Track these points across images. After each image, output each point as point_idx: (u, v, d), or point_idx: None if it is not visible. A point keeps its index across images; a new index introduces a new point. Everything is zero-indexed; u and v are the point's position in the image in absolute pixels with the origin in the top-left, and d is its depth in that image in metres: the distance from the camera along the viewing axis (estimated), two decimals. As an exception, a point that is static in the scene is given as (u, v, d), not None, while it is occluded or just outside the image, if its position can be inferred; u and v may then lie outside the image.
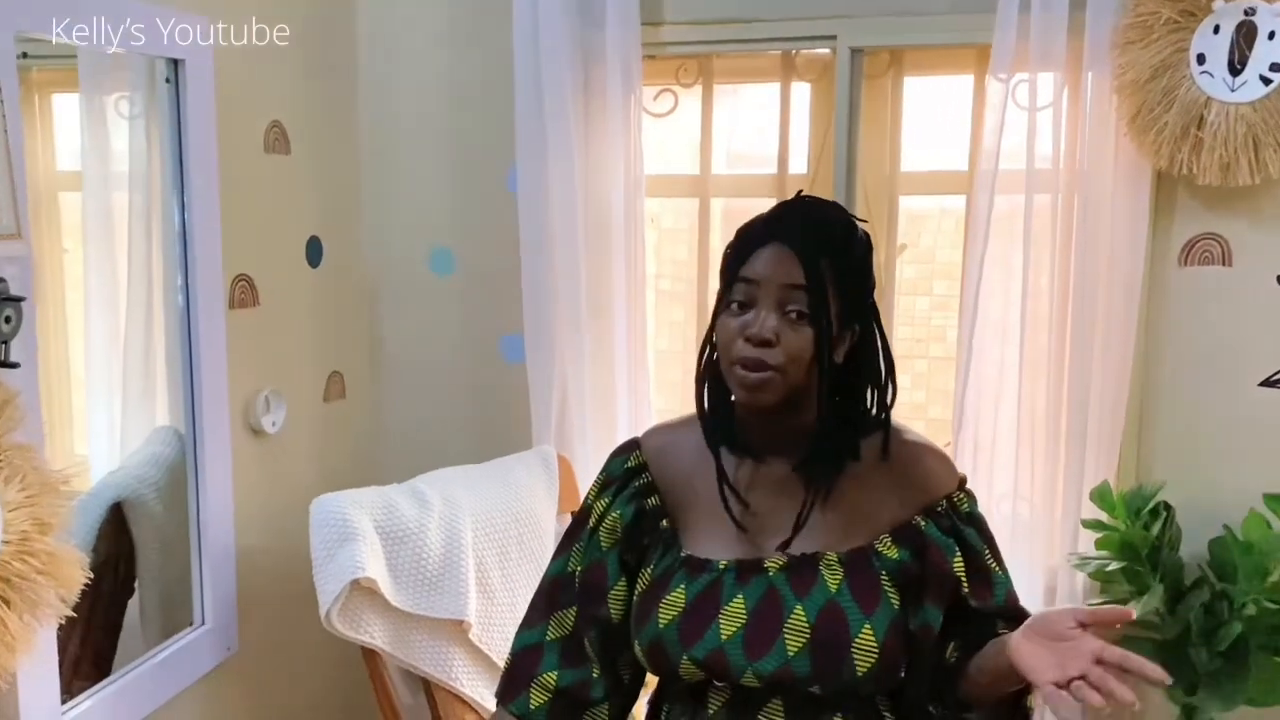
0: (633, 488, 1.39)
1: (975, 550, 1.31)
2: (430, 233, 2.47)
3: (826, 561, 1.28)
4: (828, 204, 1.35)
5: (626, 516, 1.37)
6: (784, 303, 1.24)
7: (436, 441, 2.50)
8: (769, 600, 1.26)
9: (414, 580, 1.98)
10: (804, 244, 1.25)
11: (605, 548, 1.38)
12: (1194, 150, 2.02)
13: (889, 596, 1.26)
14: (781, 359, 1.23)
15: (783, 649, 1.23)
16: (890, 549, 1.29)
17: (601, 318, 2.36)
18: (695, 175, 2.41)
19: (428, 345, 2.51)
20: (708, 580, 1.29)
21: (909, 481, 1.31)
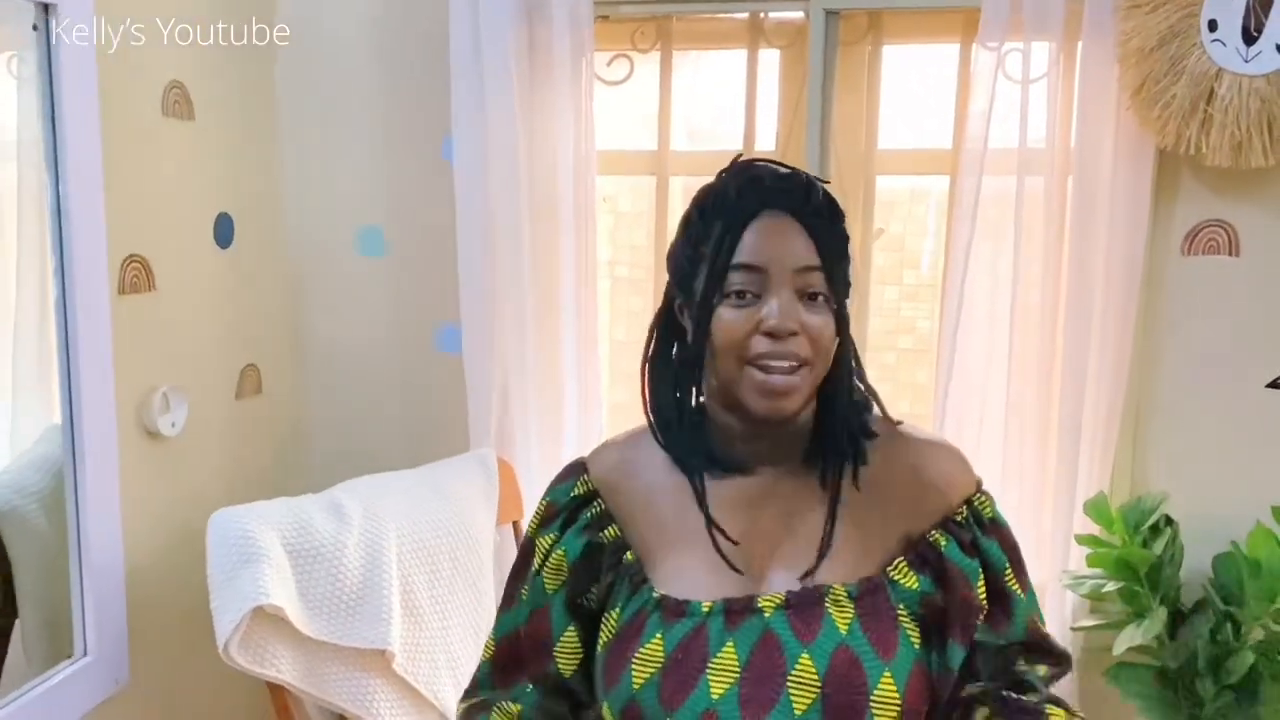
0: (583, 519, 1.15)
1: (996, 569, 1.09)
2: (357, 209, 2.23)
3: (834, 596, 1.04)
4: (797, 169, 1.12)
5: (574, 553, 1.14)
6: (801, 286, 1.04)
7: (363, 444, 2.26)
8: (766, 647, 1.02)
9: (329, 605, 1.75)
10: (806, 212, 1.05)
11: (550, 591, 1.15)
12: (1203, 127, 1.83)
13: (909, 635, 1.03)
14: (809, 350, 1.04)
15: (788, 707, 1.00)
16: (908, 576, 1.06)
17: (548, 306, 2.13)
18: (652, 151, 2.18)
19: (354, 335, 2.26)
20: (690, 626, 1.05)
21: (922, 488, 1.09)
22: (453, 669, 1.91)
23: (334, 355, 2.27)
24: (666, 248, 2.17)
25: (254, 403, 2.14)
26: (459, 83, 2.04)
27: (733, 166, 1.12)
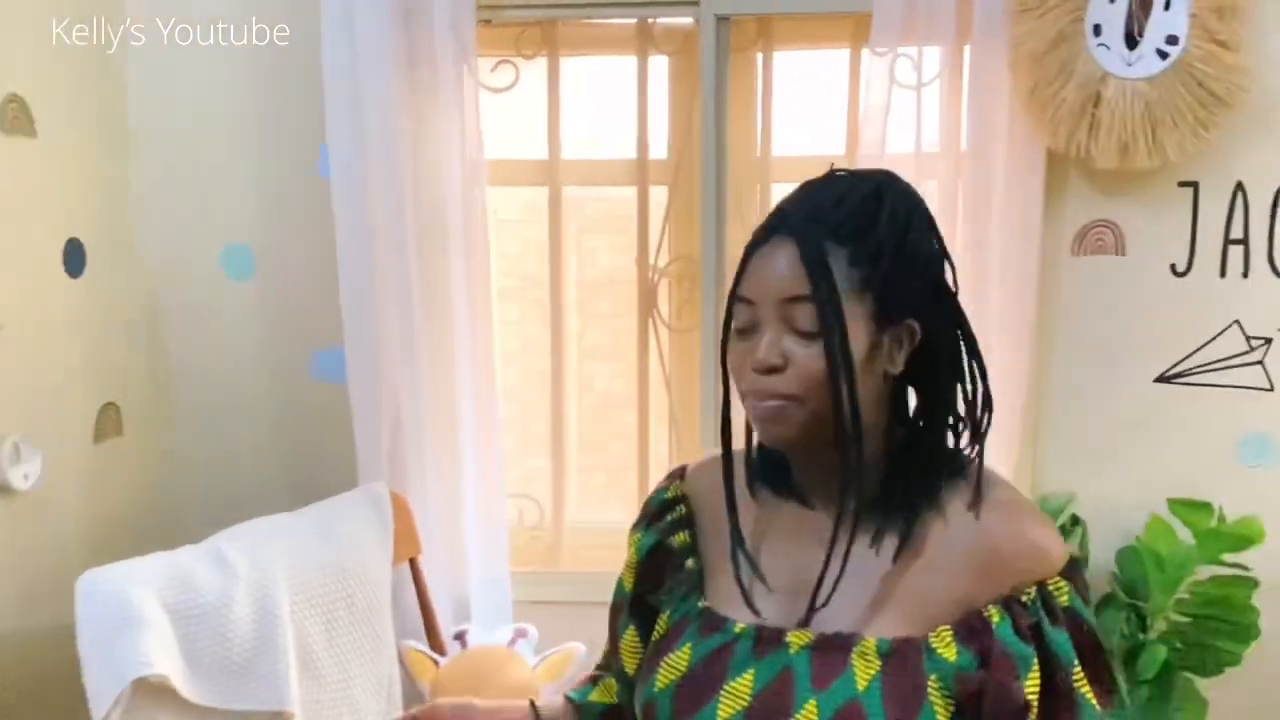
0: (665, 521, 1.14)
1: (1060, 664, 0.95)
2: (222, 228, 2.05)
3: (862, 649, 0.96)
4: (855, 175, 1.03)
5: (641, 551, 1.13)
6: (790, 319, 0.97)
7: (240, 486, 2.08)
8: (781, 683, 0.97)
9: (218, 668, 1.60)
10: (804, 238, 0.96)
11: (626, 589, 1.16)
12: (1091, 130, 1.86)
13: (933, 710, 0.94)
14: (795, 386, 0.96)
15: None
16: (948, 647, 0.95)
17: (440, 326, 2.02)
18: (543, 160, 2.09)
19: (223, 366, 2.09)
20: (719, 643, 1.02)
21: (995, 558, 0.97)
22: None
23: (201, 388, 2.09)
24: (559, 259, 2.11)
25: (115, 445, 1.95)
26: (333, 90, 1.90)
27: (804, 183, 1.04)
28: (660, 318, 2.12)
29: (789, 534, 1.04)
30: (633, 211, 2.10)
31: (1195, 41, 1.83)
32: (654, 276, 2.10)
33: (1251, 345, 2.00)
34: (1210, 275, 1.99)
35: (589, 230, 2.18)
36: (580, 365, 2.22)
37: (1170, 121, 1.85)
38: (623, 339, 2.18)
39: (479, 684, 1.88)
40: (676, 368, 2.15)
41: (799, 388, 0.96)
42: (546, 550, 2.18)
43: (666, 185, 2.09)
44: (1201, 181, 1.96)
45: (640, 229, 2.09)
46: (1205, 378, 2.02)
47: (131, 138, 1.99)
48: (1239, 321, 1.99)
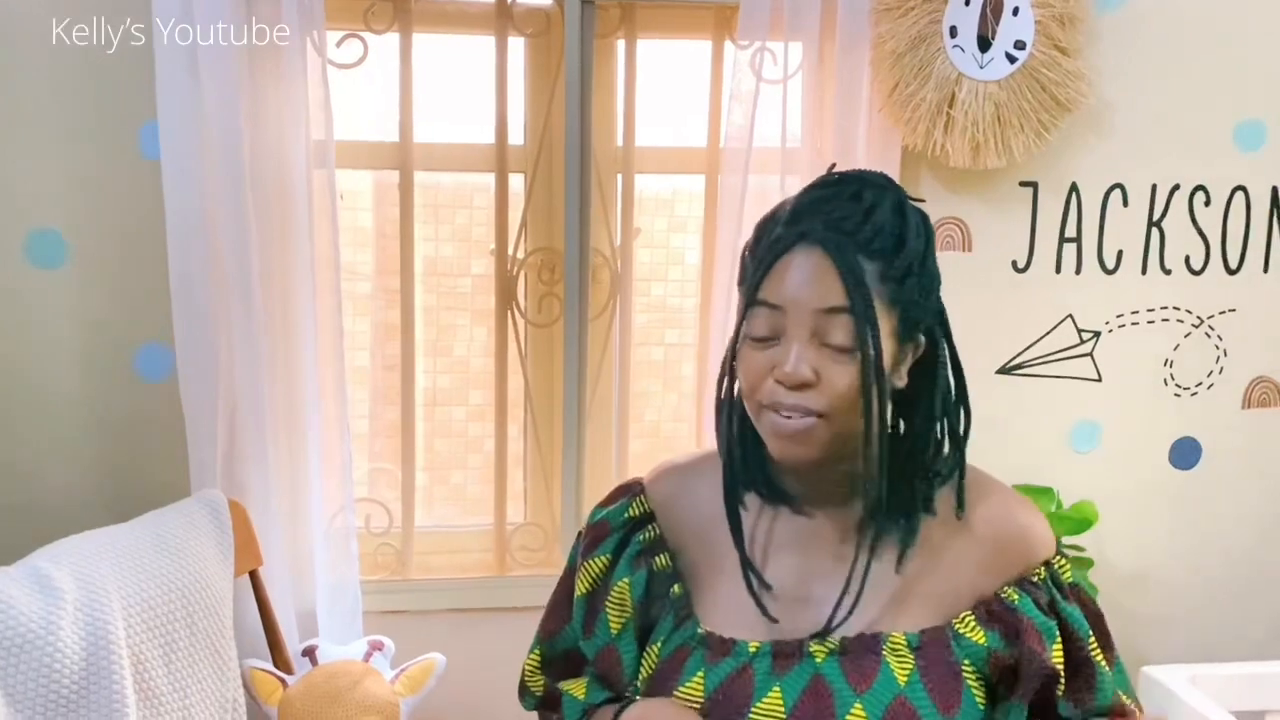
0: (637, 543, 1.08)
1: (1080, 636, 1.01)
2: (26, 210, 1.81)
3: (893, 645, 0.97)
4: (869, 180, 1.00)
5: (638, 586, 1.07)
6: (822, 331, 0.94)
7: (54, 497, 1.85)
8: (815, 694, 0.96)
9: (43, 704, 1.41)
10: (841, 248, 0.94)
11: (615, 630, 1.08)
12: (946, 130, 1.91)
13: (973, 693, 0.97)
14: (825, 403, 0.94)
15: None
16: (975, 631, 0.98)
17: (281, 319, 1.87)
18: (394, 142, 1.96)
19: (32, 365, 1.85)
20: (733, 667, 0.99)
21: (1000, 544, 1.01)
22: (198, 755, 1.62)
23: (7, 391, 1.84)
24: (410, 250, 2.00)
25: (-103, 455, 1.70)
26: (165, 62, 1.72)
27: (813, 184, 1.01)
28: (519, 311, 2.04)
29: (789, 543, 1.02)
30: (488, 200, 2.00)
31: (1039, 47, 1.91)
32: (513, 268, 2.02)
33: (1083, 338, 2.12)
34: (1047, 271, 2.09)
35: (442, 218, 2.07)
36: (432, 361, 2.11)
37: (1017, 123, 1.93)
38: (478, 334, 2.08)
39: (333, 702, 1.75)
40: (534, 363, 2.07)
41: (828, 405, 0.94)
42: (396, 558, 2.06)
43: (524, 173, 2.01)
44: (1040, 181, 2.06)
45: (499, 218, 2.00)
46: (1042, 369, 2.12)
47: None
48: (1072, 316, 2.11)
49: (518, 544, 2.09)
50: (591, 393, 2.06)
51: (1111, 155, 2.05)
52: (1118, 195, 2.08)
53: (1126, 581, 2.15)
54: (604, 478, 2.08)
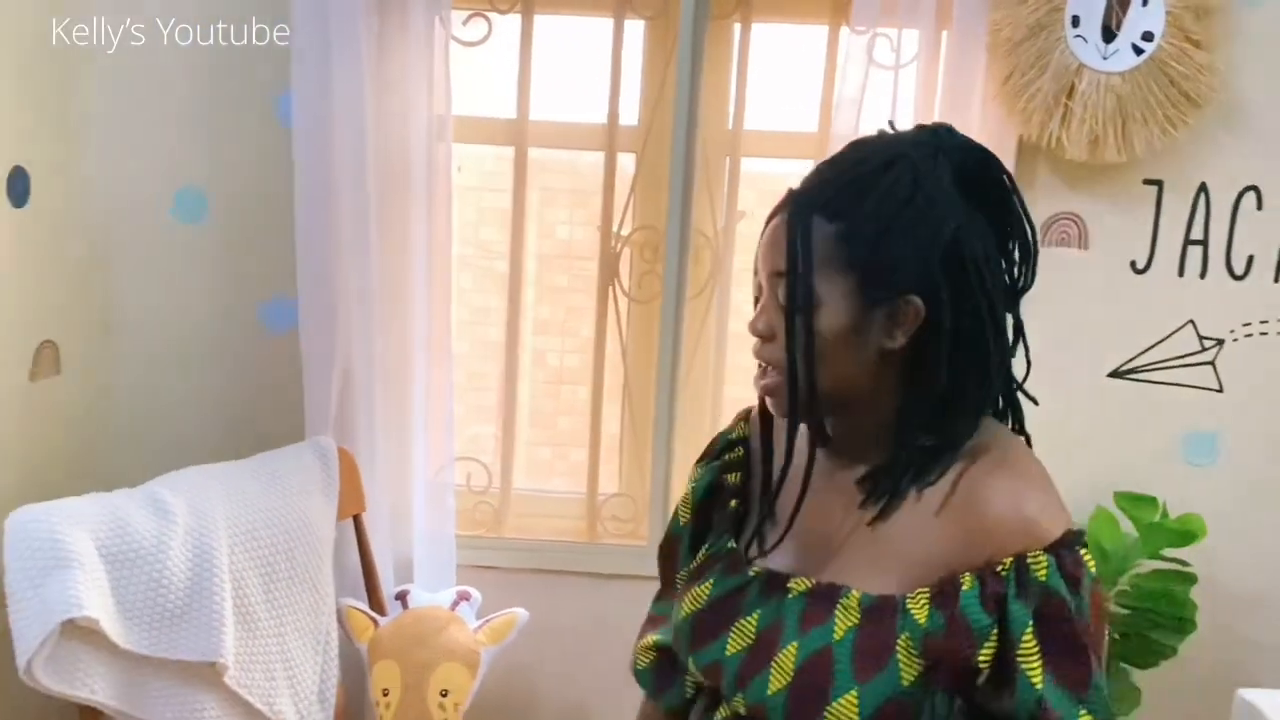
0: (723, 459, 1.18)
1: (1012, 636, 0.93)
2: (176, 168, 1.98)
3: (846, 602, 0.99)
4: (883, 140, 1.02)
5: (701, 486, 1.18)
6: (775, 292, 1.01)
7: (182, 433, 2.02)
8: (775, 626, 1.03)
9: (151, 615, 1.55)
10: (795, 213, 0.99)
11: (682, 523, 1.20)
12: (1063, 121, 1.87)
13: (899, 666, 0.95)
14: (779, 355, 1.01)
15: (764, 684, 1.00)
16: (921, 610, 0.95)
17: (398, 281, 1.97)
18: (511, 119, 2.05)
19: (170, 310, 2.02)
20: (736, 583, 1.08)
21: (981, 524, 0.95)
22: (290, 679, 1.74)
23: (146, 332, 2.02)
24: (521, 222, 2.08)
25: (51, 384, 1.88)
26: (301, 35, 1.84)
27: None
28: (621, 287, 2.09)
29: (823, 486, 1.06)
30: (599, 177, 2.06)
31: (1170, 39, 1.84)
32: (616, 245, 2.07)
33: (1204, 345, 2.02)
34: (1168, 274, 2.00)
35: (552, 195, 2.15)
36: (536, 332, 2.19)
37: (1140, 117, 1.86)
38: (581, 306, 2.15)
39: (419, 645, 1.85)
40: (634, 339, 2.12)
41: (782, 358, 1.00)
42: (493, 516, 2.15)
43: (635, 153, 2.06)
44: (1166, 180, 1.97)
45: (605, 196, 2.06)
46: (1157, 375, 2.04)
47: (86, 70, 1.91)
48: (1193, 321, 2.02)
49: (609, 513, 2.15)
50: (688, 371, 2.09)
51: (1246, 155, 1.95)
52: (1251, 198, 1.97)
53: (1236, 603, 2.05)
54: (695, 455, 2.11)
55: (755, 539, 1.08)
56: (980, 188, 0.99)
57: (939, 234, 0.96)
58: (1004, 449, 1.00)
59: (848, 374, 0.99)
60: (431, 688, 1.82)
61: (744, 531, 1.11)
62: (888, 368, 0.99)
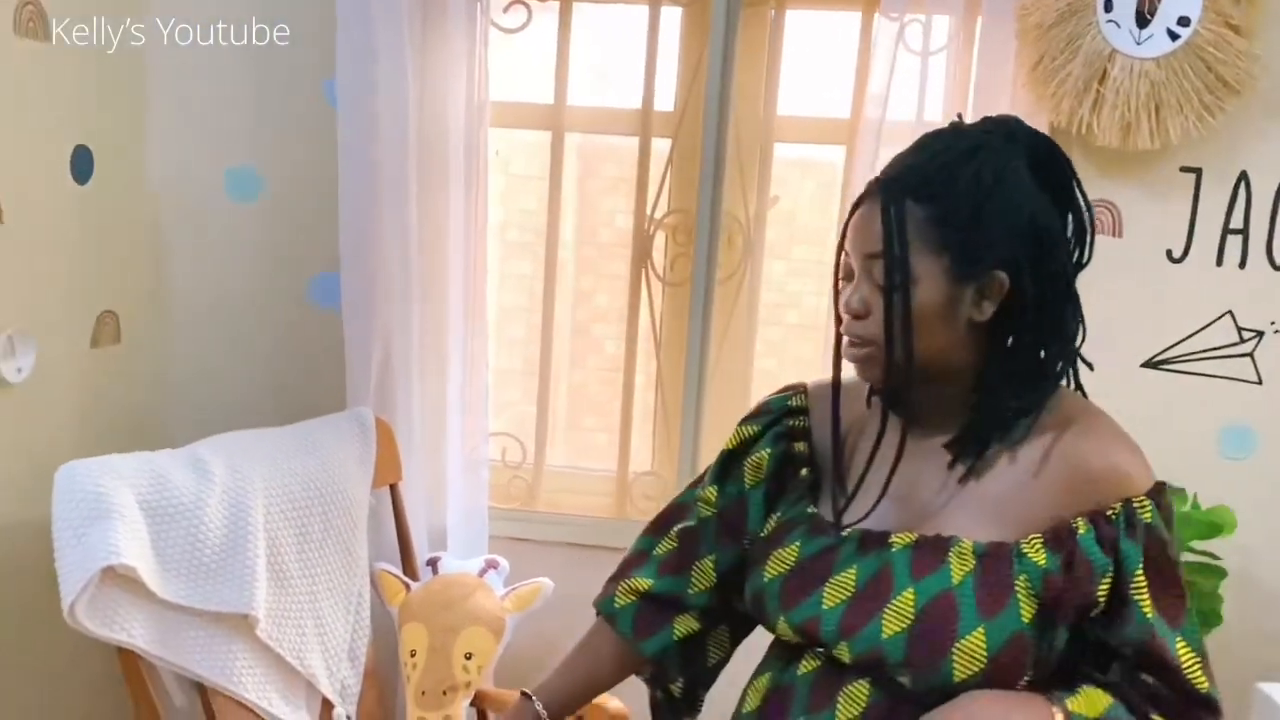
0: (785, 425, 1.28)
1: (1126, 571, 1.05)
2: (230, 148, 2.09)
3: (959, 549, 1.09)
4: (961, 131, 1.12)
5: (774, 458, 1.27)
6: (871, 272, 1.10)
7: (229, 400, 2.14)
8: (881, 577, 1.11)
9: (187, 566, 1.64)
10: (887, 197, 1.08)
11: (748, 485, 1.29)
12: (1094, 107, 1.85)
13: (1020, 605, 1.05)
14: (874, 331, 1.10)
15: (878, 629, 1.09)
16: (1038, 552, 1.07)
17: (435, 260, 2.05)
18: (548, 105, 2.11)
19: (223, 284, 2.13)
20: (825, 544, 1.17)
21: (1085, 478, 1.07)
22: (321, 635, 1.83)
23: (200, 304, 2.14)
24: (557, 206, 2.14)
25: (111, 352, 2.00)
26: (346, 22, 1.92)
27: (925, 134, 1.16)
28: (654, 270, 2.14)
29: (902, 452, 1.14)
30: (634, 162, 2.11)
31: (1207, 24, 1.81)
32: (650, 228, 2.12)
33: (1243, 337, 1.99)
34: (1206, 263, 1.97)
35: (588, 178, 2.20)
36: (572, 312, 2.25)
37: (1175, 104, 1.84)
38: (615, 288, 2.20)
39: (446, 609, 1.92)
40: (667, 321, 2.17)
41: (878, 334, 1.09)
42: (526, 490, 2.22)
43: (669, 138, 2.10)
44: (1205, 168, 1.94)
45: (639, 179, 2.10)
46: (1193, 366, 2.01)
47: (147, 51, 2.02)
48: (1232, 312, 1.98)
49: (639, 491, 2.20)
50: (717, 354, 2.13)
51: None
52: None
53: (1268, 598, 2.01)
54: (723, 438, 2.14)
55: (834, 503, 1.18)
56: (1047, 172, 1.10)
57: (1020, 214, 1.07)
58: (1089, 415, 1.12)
59: (939, 345, 1.09)
60: (457, 650, 1.89)
61: (819, 497, 1.22)
62: (973, 338, 1.10)
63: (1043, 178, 1.09)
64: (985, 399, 1.11)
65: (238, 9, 2.01)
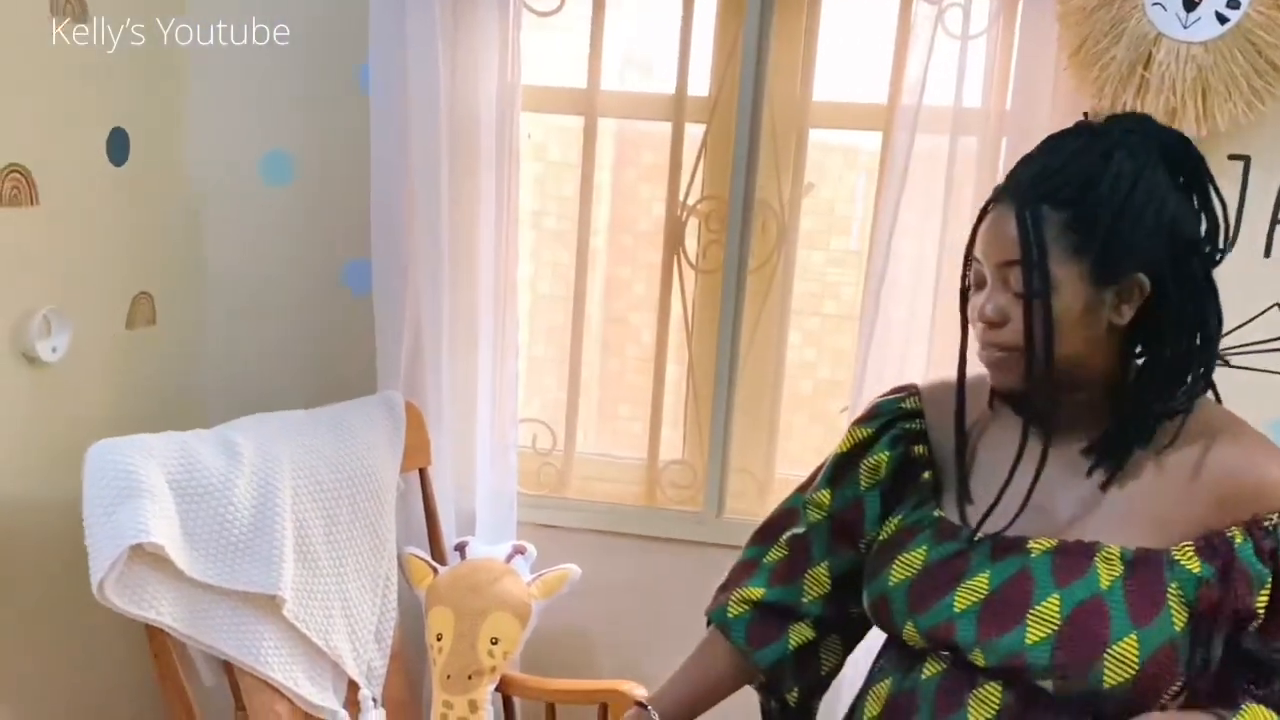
0: (901, 428, 1.26)
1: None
2: (265, 133, 2.10)
3: (1106, 555, 1.07)
4: (1094, 131, 1.10)
5: (893, 461, 1.25)
6: (1007, 280, 1.09)
7: (262, 382, 2.15)
8: (1018, 582, 1.09)
9: (215, 546, 1.66)
10: (1022, 203, 1.06)
11: (864, 487, 1.27)
12: (1139, 93, 1.80)
13: (1172, 614, 1.04)
14: (1012, 339, 1.09)
15: (1020, 635, 1.07)
16: (1191, 560, 1.05)
17: (466, 245, 2.04)
18: (581, 89, 2.09)
19: (257, 267, 2.15)
20: (953, 549, 1.15)
21: (1237, 487, 1.06)
22: (348, 618, 1.84)
23: (234, 287, 2.15)
24: (589, 193, 2.12)
25: (146, 333, 2.02)
26: (378, 6, 1.92)
27: (1049, 136, 1.13)
28: (686, 257, 2.12)
29: (1030, 460, 1.12)
30: (667, 147, 2.09)
31: (1258, 7, 1.75)
32: (682, 214, 2.10)
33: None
34: (1254, 254, 1.91)
35: (624, 166, 2.19)
36: (606, 300, 2.24)
37: (1224, 90, 1.79)
38: (646, 276, 2.18)
39: (472, 593, 1.92)
40: (699, 309, 2.15)
41: (1016, 341, 1.08)
42: (557, 477, 2.21)
43: (704, 123, 2.08)
44: (1253, 156, 1.88)
45: (672, 165, 2.08)
46: (1238, 359, 1.95)
47: (185, 36, 2.03)
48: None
49: (668, 480, 2.19)
50: (749, 343, 2.11)
51: (1345, 132, 1.85)
52: (1349, 176, 1.87)
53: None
54: (754, 428, 2.14)
55: (959, 507, 1.17)
56: (1182, 170, 1.09)
57: (1161, 216, 1.05)
58: (1236, 424, 1.12)
59: (1079, 350, 1.07)
60: (482, 635, 1.89)
61: (943, 500, 1.20)
62: (1111, 342, 1.09)
63: (1178, 176, 1.08)
64: (1128, 403, 1.10)
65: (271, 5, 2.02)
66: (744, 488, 2.16)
